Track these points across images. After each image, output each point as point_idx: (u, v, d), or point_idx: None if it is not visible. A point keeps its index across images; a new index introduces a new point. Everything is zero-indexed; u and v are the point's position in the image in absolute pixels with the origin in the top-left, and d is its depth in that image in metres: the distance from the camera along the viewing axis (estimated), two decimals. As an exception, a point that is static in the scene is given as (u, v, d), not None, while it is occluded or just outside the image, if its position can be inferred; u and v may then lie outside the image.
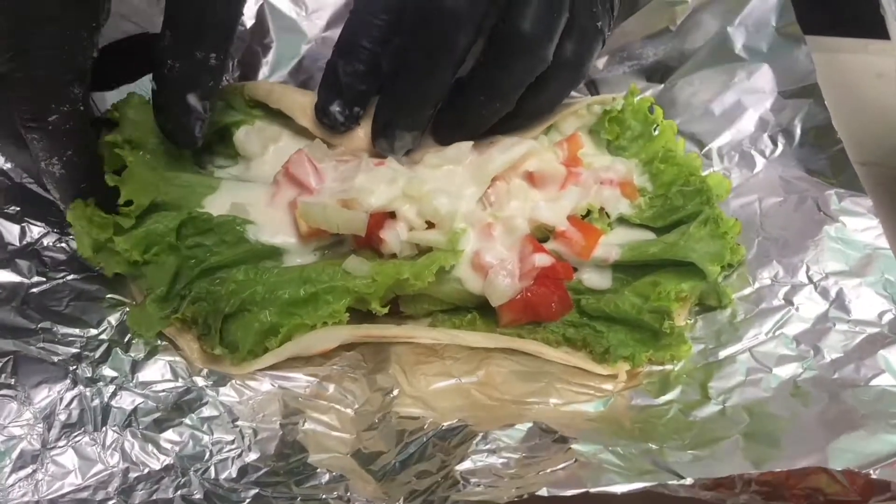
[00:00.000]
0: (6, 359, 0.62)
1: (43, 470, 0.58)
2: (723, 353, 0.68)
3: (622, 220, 0.72)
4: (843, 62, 0.92)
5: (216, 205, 0.66)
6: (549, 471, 0.53)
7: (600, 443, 0.55)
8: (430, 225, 0.67)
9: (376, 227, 0.66)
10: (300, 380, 0.65)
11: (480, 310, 0.69)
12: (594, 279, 0.70)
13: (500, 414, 0.61)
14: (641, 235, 0.72)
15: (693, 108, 0.84)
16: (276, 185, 0.67)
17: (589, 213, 0.72)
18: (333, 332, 0.65)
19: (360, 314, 0.67)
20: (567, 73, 0.67)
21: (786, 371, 0.65)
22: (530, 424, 0.57)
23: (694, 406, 0.63)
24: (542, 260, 0.67)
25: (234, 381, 0.64)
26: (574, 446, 0.55)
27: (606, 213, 0.72)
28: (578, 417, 0.62)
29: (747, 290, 0.71)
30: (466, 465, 0.55)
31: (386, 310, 0.65)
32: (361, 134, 0.69)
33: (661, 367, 0.68)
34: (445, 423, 0.59)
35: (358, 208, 0.65)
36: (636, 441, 0.57)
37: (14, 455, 0.58)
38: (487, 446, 0.56)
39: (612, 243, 0.70)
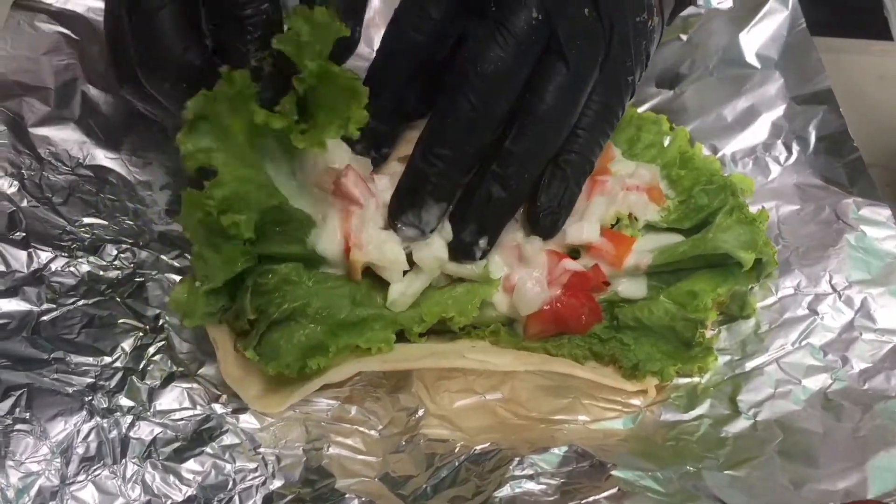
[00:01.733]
0: (20, 392, 0.60)
1: (63, 506, 0.57)
2: (750, 365, 0.67)
3: (650, 227, 0.70)
4: (845, 63, 0.92)
5: (298, 197, 0.62)
6: (592, 499, 0.52)
7: (639, 468, 0.54)
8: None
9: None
10: (321, 403, 0.64)
11: (505, 322, 0.67)
12: (630, 288, 0.69)
13: (530, 435, 0.60)
14: (670, 239, 0.70)
15: (704, 114, 0.83)
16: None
17: (618, 220, 0.70)
18: (363, 364, 0.63)
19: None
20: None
21: (815, 382, 0.65)
22: (566, 448, 0.56)
23: (724, 421, 0.63)
24: (571, 265, 0.65)
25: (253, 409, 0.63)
26: (614, 473, 0.54)
27: (635, 218, 0.70)
28: (610, 437, 0.61)
29: (770, 300, 0.71)
30: (505, 491, 0.54)
31: (424, 339, 0.64)
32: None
33: (687, 380, 0.67)
34: (478, 447, 0.58)
35: None
36: (672, 463, 0.56)
37: (33, 492, 0.56)
38: (525, 472, 0.55)
39: (643, 249, 0.68)
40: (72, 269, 0.68)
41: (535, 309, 0.65)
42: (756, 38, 0.83)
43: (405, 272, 0.64)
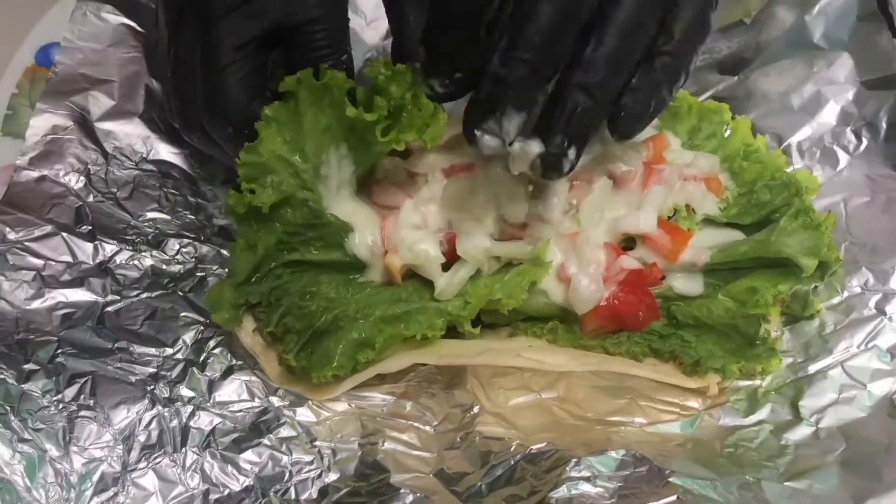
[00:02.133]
0: (84, 379, 0.62)
1: (124, 493, 0.58)
2: (813, 368, 0.65)
3: (708, 221, 0.68)
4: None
5: (337, 202, 0.64)
6: (651, 505, 0.51)
7: (697, 476, 0.54)
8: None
9: (451, 247, 0.64)
10: (376, 398, 0.64)
11: (562, 317, 0.67)
12: (685, 285, 0.67)
13: (587, 437, 0.60)
14: (729, 235, 0.68)
15: (770, 101, 0.80)
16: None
17: (675, 212, 0.68)
18: (417, 356, 0.63)
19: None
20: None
21: (881, 387, 0.62)
22: (623, 452, 0.56)
23: (785, 427, 0.61)
24: (628, 262, 0.64)
25: (310, 402, 0.63)
26: (672, 480, 0.53)
27: (693, 210, 0.68)
28: (668, 441, 0.60)
29: (836, 300, 0.68)
30: (561, 491, 0.54)
31: (478, 330, 0.64)
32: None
33: (748, 383, 0.65)
34: (534, 447, 0.58)
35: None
36: (731, 472, 0.55)
37: (95, 478, 0.58)
38: (581, 473, 0.55)
39: (701, 246, 0.67)
40: (136, 262, 0.69)
41: (591, 306, 0.64)
42: (823, 19, 0.79)
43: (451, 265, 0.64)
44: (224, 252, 0.72)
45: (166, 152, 0.76)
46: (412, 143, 0.61)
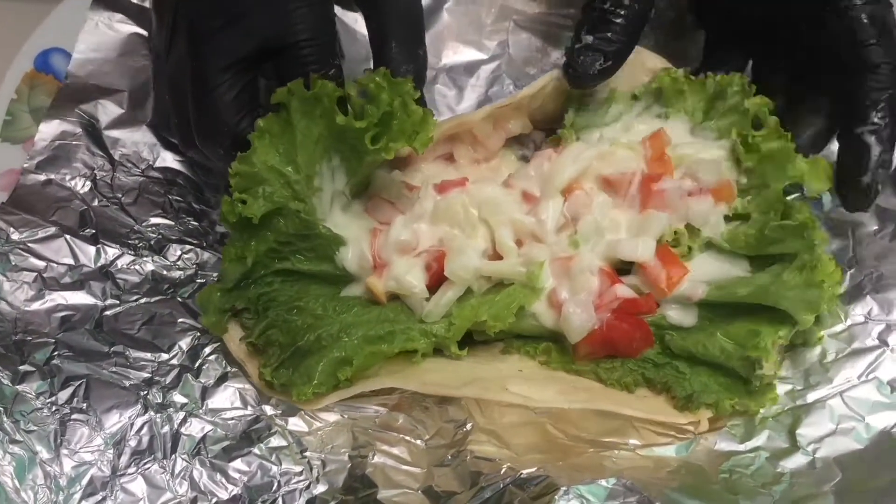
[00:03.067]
0: (79, 382, 0.62)
1: (113, 497, 0.58)
2: (812, 397, 0.64)
3: (710, 245, 0.66)
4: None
5: (330, 215, 0.64)
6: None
7: (688, 508, 0.53)
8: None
9: (439, 266, 0.63)
10: (369, 409, 0.64)
11: (554, 338, 0.66)
12: (679, 316, 0.65)
13: (579, 461, 0.59)
14: (729, 270, 0.65)
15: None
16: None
17: (677, 233, 0.66)
18: (401, 380, 0.62)
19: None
20: None
21: (880, 420, 0.62)
22: (614, 481, 0.55)
23: (782, 455, 0.61)
24: (623, 291, 0.63)
25: (303, 411, 0.63)
26: None
27: (697, 231, 0.66)
28: (662, 467, 0.60)
29: (839, 328, 0.68)
30: (549, 520, 0.53)
31: (464, 352, 0.63)
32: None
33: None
34: (524, 471, 0.58)
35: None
36: (725, 499, 0.54)
37: (84, 481, 0.58)
38: (570, 502, 0.54)
39: (698, 280, 0.65)
40: (137, 266, 0.70)
41: (583, 335, 0.63)
42: None
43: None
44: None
45: (172, 160, 0.76)
46: (406, 152, 0.61)
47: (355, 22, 0.81)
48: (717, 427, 0.63)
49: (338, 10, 0.70)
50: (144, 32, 0.79)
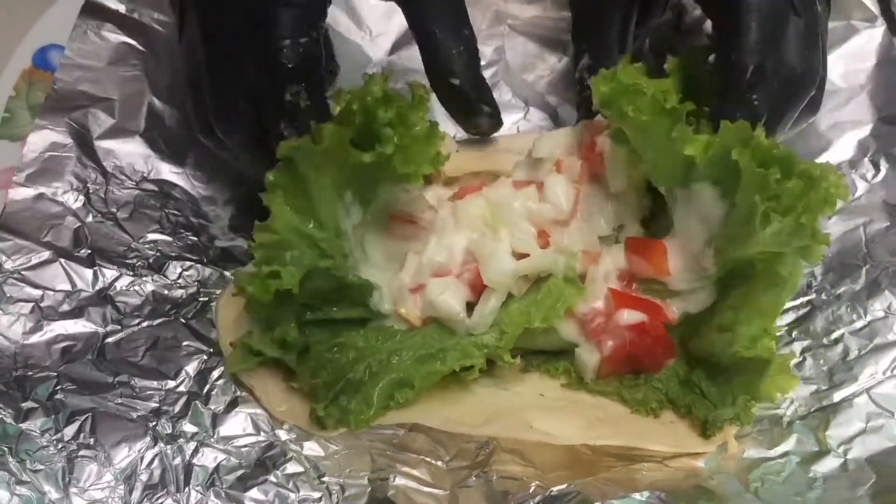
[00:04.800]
0: (84, 416, 0.60)
1: (126, 535, 0.56)
2: (838, 396, 0.63)
3: None
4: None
5: (358, 261, 0.62)
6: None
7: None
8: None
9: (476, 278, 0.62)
10: (386, 431, 0.62)
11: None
12: (692, 303, 0.62)
13: (608, 475, 0.58)
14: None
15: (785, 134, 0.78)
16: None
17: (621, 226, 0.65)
18: (420, 415, 0.61)
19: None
20: None
21: (910, 416, 0.60)
22: (647, 494, 0.54)
23: (813, 459, 0.60)
24: (630, 317, 0.61)
25: (318, 435, 0.61)
26: None
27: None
28: (692, 477, 0.58)
29: (859, 324, 0.67)
30: (587, 536, 0.52)
31: (518, 360, 0.62)
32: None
33: (772, 412, 0.63)
34: (554, 488, 0.56)
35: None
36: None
37: (96, 520, 0.56)
38: (606, 517, 0.53)
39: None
40: (136, 288, 0.67)
41: (594, 371, 0.62)
42: (842, 60, 0.78)
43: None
44: (227, 274, 0.70)
45: (167, 171, 0.74)
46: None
47: (349, 31, 0.80)
48: (745, 433, 0.62)
49: (330, 18, 0.68)
50: (134, 42, 0.76)
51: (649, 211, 0.65)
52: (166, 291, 0.68)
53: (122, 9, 0.77)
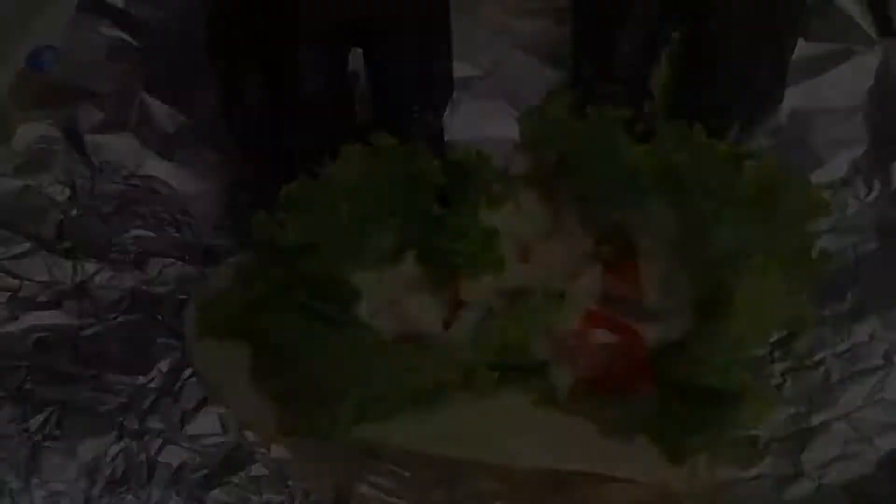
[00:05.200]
0: (52, 408, 0.60)
1: (84, 530, 0.56)
2: (816, 420, 0.62)
3: None
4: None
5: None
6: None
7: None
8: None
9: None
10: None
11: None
12: (669, 330, 0.60)
13: (578, 494, 0.57)
14: None
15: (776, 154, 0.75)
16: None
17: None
18: (385, 435, 0.60)
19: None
20: None
21: (888, 442, 0.60)
22: None
23: (787, 482, 0.59)
24: (604, 338, 0.60)
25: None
26: None
27: None
28: (664, 497, 0.58)
29: (842, 347, 0.65)
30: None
31: (493, 376, 0.59)
32: None
33: (748, 434, 0.62)
34: None
35: None
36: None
37: (55, 513, 0.56)
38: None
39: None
40: (115, 282, 0.67)
41: (567, 392, 0.60)
42: (839, 79, 0.77)
43: None
44: (208, 273, 0.69)
45: (156, 168, 0.74)
46: None
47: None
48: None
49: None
50: (129, 38, 0.77)
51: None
52: (145, 287, 0.67)
53: (118, 3, 0.78)
